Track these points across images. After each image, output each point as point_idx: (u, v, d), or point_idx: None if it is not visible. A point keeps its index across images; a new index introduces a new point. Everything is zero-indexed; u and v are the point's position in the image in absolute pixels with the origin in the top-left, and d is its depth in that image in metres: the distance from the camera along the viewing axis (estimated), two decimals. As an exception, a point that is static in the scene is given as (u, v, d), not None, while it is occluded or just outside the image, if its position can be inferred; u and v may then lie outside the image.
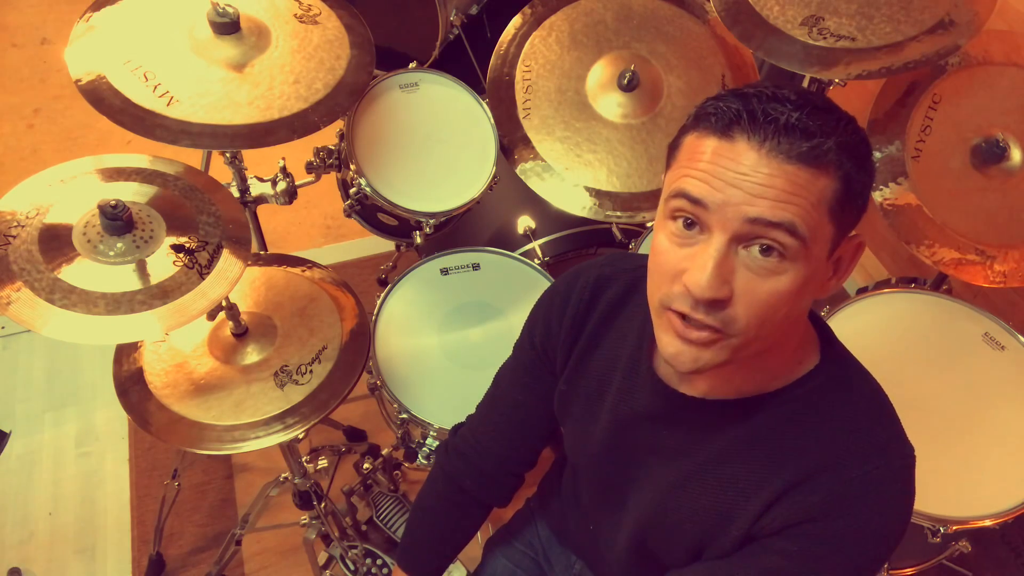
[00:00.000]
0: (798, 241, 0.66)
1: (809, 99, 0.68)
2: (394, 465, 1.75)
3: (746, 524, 0.80)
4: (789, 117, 0.65)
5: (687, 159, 0.70)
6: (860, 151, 0.69)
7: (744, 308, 0.68)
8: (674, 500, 0.86)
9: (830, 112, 0.68)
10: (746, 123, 0.66)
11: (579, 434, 0.98)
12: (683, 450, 0.85)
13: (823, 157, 0.66)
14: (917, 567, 1.47)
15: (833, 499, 0.75)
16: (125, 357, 1.28)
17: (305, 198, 2.24)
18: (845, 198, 0.68)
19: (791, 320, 0.73)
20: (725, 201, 0.66)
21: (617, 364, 0.91)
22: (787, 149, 0.65)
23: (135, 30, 1.28)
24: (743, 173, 0.66)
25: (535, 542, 1.20)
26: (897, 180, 1.44)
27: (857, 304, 1.49)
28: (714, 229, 0.67)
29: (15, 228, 1.04)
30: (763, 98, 0.67)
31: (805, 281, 0.69)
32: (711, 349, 0.71)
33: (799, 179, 0.65)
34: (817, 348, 0.82)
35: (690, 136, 0.72)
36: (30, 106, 2.73)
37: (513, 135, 1.56)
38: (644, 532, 0.92)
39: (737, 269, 0.68)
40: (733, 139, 0.67)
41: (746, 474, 0.80)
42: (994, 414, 1.34)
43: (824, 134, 0.66)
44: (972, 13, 1.32)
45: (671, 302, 0.70)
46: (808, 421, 0.78)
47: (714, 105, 0.69)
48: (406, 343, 1.46)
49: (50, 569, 1.77)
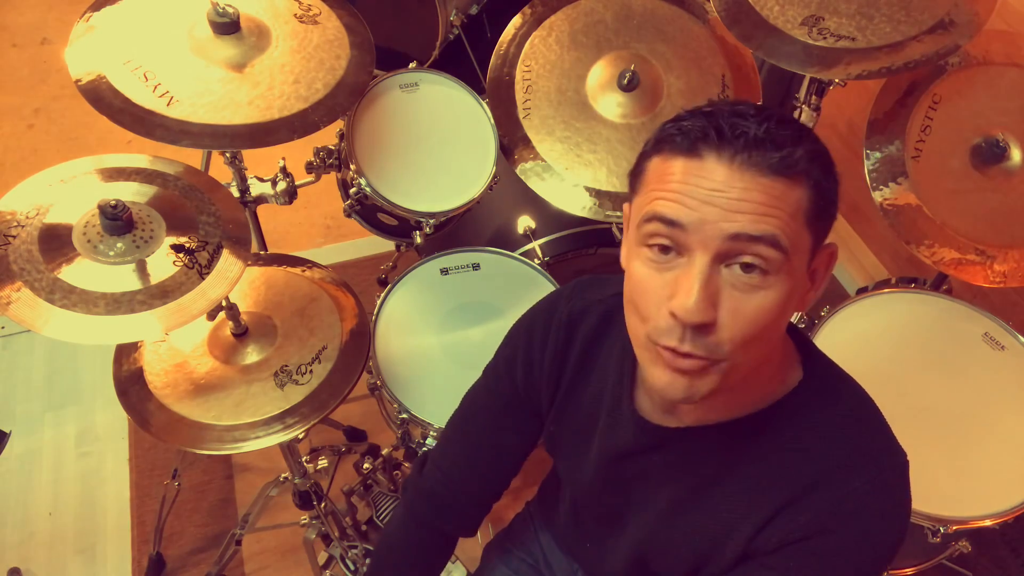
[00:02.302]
0: (781, 254, 0.65)
1: (769, 112, 0.67)
2: (394, 465, 1.75)
3: (741, 545, 0.79)
4: (756, 130, 0.65)
5: (655, 182, 0.69)
6: (826, 159, 0.69)
7: (729, 329, 0.66)
8: (669, 524, 0.86)
9: (792, 123, 0.68)
10: (714, 139, 0.65)
11: (571, 470, 0.97)
12: (674, 477, 0.84)
13: (795, 167, 0.65)
14: (917, 567, 1.47)
15: (828, 516, 0.75)
16: (125, 357, 1.28)
17: (305, 198, 2.23)
18: (819, 206, 0.67)
19: (775, 338, 0.72)
20: (702, 219, 0.65)
21: (602, 400, 0.89)
22: (759, 161, 0.64)
23: (135, 30, 1.28)
24: (717, 189, 0.64)
25: (535, 549, 1.19)
26: (897, 180, 1.44)
27: (857, 304, 1.49)
28: (695, 250, 0.66)
29: (15, 228, 1.04)
30: (725, 114, 0.66)
31: (789, 295, 0.68)
32: (704, 378, 0.69)
33: (775, 191, 0.64)
34: (799, 363, 0.80)
35: (654, 160, 0.70)
36: (30, 106, 2.73)
37: (513, 135, 1.56)
38: (642, 554, 0.92)
39: (722, 289, 0.66)
40: (702, 157, 0.66)
41: (738, 495, 0.79)
42: (994, 414, 1.34)
43: (793, 143, 0.65)
44: (972, 13, 1.32)
45: (659, 337, 0.68)
46: (796, 438, 0.77)
47: (676, 126, 0.68)
48: (406, 343, 1.46)
49: (50, 569, 1.77)
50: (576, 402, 0.92)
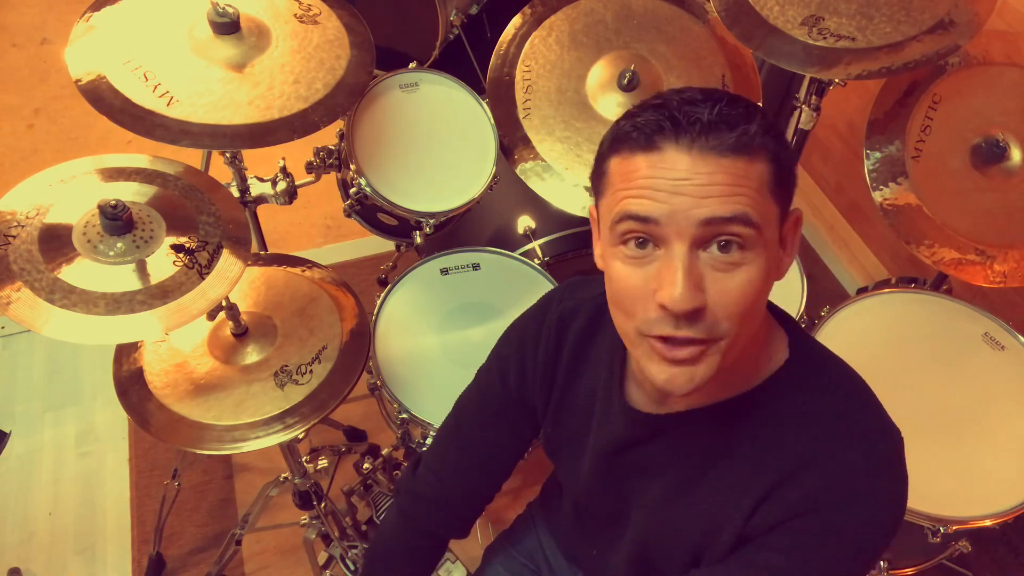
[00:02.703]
0: (753, 230, 0.67)
1: (715, 93, 0.69)
2: (394, 465, 1.75)
3: (738, 526, 0.79)
4: (709, 114, 0.66)
5: (620, 182, 0.70)
6: (777, 129, 0.70)
7: (722, 309, 0.67)
8: (668, 514, 0.86)
9: (739, 101, 0.69)
10: (670, 130, 0.66)
11: (570, 470, 0.97)
12: (668, 464, 0.84)
13: (752, 142, 0.66)
14: (917, 567, 1.47)
15: (821, 492, 0.74)
16: (125, 357, 1.28)
17: (305, 198, 2.23)
18: (779, 177, 0.69)
19: (761, 310, 0.74)
20: (673, 210, 0.66)
21: (595, 397, 0.90)
22: (717, 144, 0.65)
23: (135, 30, 1.28)
24: (682, 178, 0.66)
25: (536, 552, 1.19)
26: (897, 180, 1.44)
27: (857, 304, 1.49)
28: (672, 240, 0.67)
29: (15, 228, 1.04)
30: (675, 104, 0.67)
31: (767, 266, 0.69)
32: (703, 363, 0.69)
33: (737, 169, 0.66)
34: (785, 344, 0.81)
35: (613, 160, 0.71)
36: (30, 106, 2.73)
37: (513, 135, 1.56)
38: (644, 549, 0.92)
39: (704, 272, 0.67)
40: (661, 149, 0.67)
41: (731, 476, 0.79)
42: (994, 414, 1.34)
43: (746, 121, 0.67)
44: (972, 13, 1.32)
45: (650, 328, 0.69)
46: (786, 416, 0.78)
47: (630, 123, 0.69)
48: (406, 343, 1.46)
49: (50, 569, 1.77)
50: (571, 402, 0.92)
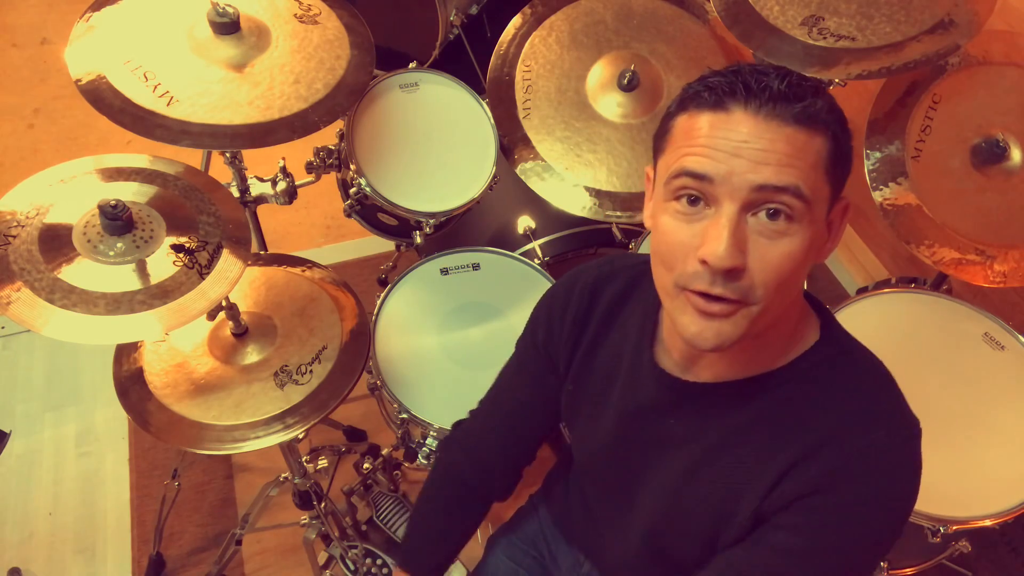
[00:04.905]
0: (803, 203, 0.68)
1: (788, 71, 0.71)
2: (394, 465, 1.75)
3: (755, 503, 0.80)
4: (779, 84, 0.68)
5: (683, 139, 0.72)
6: (840, 113, 0.72)
7: (760, 274, 0.69)
8: (685, 488, 0.86)
9: (809, 80, 0.71)
10: (741, 93, 0.69)
11: (587, 434, 0.98)
12: (690, 436, 0.85)
13: (816, 117, 0.69)
14: (917, 567, 1.47)
15: (839, 470, 0.75)
16: (125, 357, 1.28)
17: (305, 198, 2.24)
18: (836, 157, 0.71)
19: (798, 286, 0.75)
20: (730, 171, 0.68)
21: (621, 361, 0.91)
22: (783, 112, 0.68)
23: (135, 30, 1.28)
24: (744, 141, 0.68)
25: (539, 540, 1.19)
26: (897, 180, 1.44)
27: (857, 304, 1.49)
28: (723, 200, 0.69)
29: (15, 228, 1.04)
30: (747, 71, 0.70)
31: (811, 243, 0.71)
32: (731, 320, 0.71)
33: (797, 141, 0.68)
34: (816, 326, 0.83)
35: (680, 118, 0.74)
36: (30, 106, 2.73)
37: (513, 135, 1.56)
38: (657, 528, 0.92)
39: (749, 236, 0.69)
40: (728, 110, 0.69)
41: (753, 452, 0.80)
42: (994, 414, 1.34)
43: (813, 95, 0.69)
44: (972, 13, 1.32)
45: (688, 282, 0.71)
46: (811, 395, 0.79)
47: (703, 83, 0.72)
48: (406, 343, 1.46)
49: (50, 569, 1.77)
50: (595, 362, 0.94)
